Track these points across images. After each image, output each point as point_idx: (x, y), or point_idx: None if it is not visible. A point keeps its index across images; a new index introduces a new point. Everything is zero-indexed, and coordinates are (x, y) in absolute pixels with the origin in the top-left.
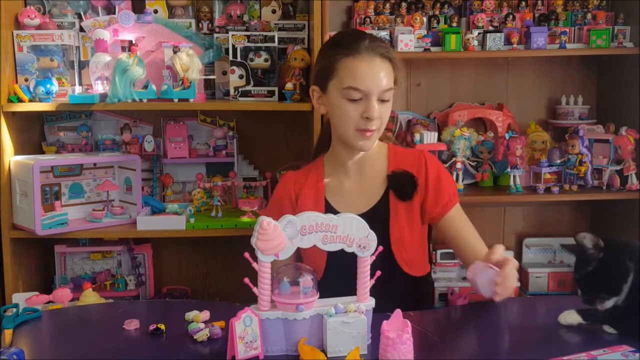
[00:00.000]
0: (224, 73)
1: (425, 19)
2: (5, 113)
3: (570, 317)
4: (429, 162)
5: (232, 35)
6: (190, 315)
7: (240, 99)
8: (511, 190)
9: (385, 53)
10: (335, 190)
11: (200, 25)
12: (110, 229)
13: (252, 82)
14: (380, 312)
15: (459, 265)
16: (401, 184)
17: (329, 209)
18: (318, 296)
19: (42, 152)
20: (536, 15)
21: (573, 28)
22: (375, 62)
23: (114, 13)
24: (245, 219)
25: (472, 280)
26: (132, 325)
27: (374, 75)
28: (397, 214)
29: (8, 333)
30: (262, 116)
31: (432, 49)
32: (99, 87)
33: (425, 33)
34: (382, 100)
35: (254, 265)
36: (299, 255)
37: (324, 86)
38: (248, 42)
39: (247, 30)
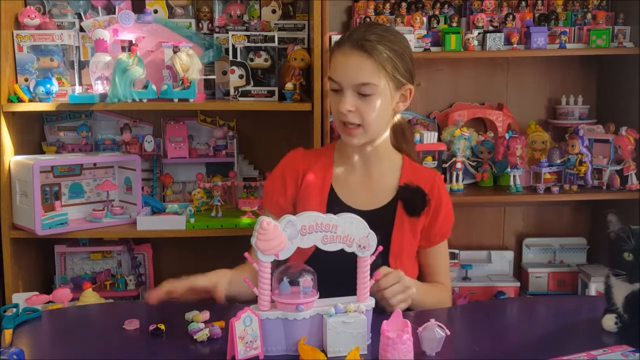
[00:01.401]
0: (224, 73)
1: (425, 19)
2: (5, 113)
3: (609, 322)
4: (443, 187)
5: (232, 35)
6: (190, 315)
7: (240, 99)
8: (511, 190)
9: (366, 46)
10: (342, 180)
11: (200, 25)
12: (110, 229)
13: (252, 82)
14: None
15: (458, 265)
16: (413, 199)
17: (333, 195)
18: (318, 296)
19: (42, 152)
20: (536, 15)
21: (573, 28)
22: (352, 54)
23: (114, 13)
24: (245, 219)
25: (420, 335)
26: (132, 325)
27: (348, 67)
28: (401, 227)
29: (8, 333)
30: (262, 116)
31: (432, 49)
32: (99, 87)
33: (425, 33)
34: (361, 95)
35: (254, 265)
36: None
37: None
38: (248, 42)
39: (247, 30)
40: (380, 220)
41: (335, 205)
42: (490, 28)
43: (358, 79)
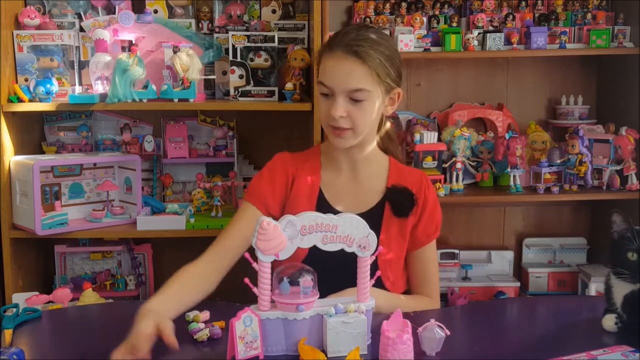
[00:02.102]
0: (224, 73)
1: (425, 19)
2: (5, 113)
3: (609, 322)
4: (430, 187)
5: (232, 35)
6: (191, 315)
7: (240, 99)
8: (511, 190)
9: (358, 52)
10: (329, 183)
11: (200, 25)
12: (110, 229)
13: (252, 82)
14: None
15: (458, 265)
16: (400, 200)
17: (322, 199)
18: (318, 296)
19: (42, 152)
20: (536, 15)
21: (573, 28)
22: (344, 59)
23: (114, 13)
24: None
25: (420, 335)
26: None
27: (339, 73)
28: (388, 229)
29: (8, 333)
30: (262, 116)
31: (432, 49)
32: (99, 87)
33: (425, 33)
34: (353, 100)
35: (254, 265)
36: None
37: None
38: (248, 42)
39: (247, 30)
40: (367, 223)
41: (323, 209)
42: (490, 28)
43: (351, 85)
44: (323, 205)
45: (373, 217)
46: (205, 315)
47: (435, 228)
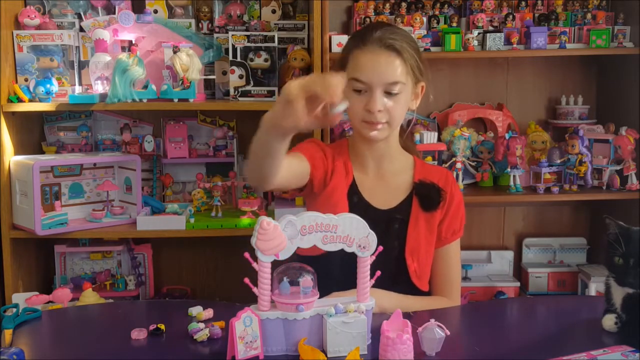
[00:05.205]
0: (224, 73)
1: (425, 19)
2: (5, 113)
3: (609, 322)
4: (455, 184)
5: (232, 35)
6: (194, 310)
7: (240, 99)
8: (511, 190)
9: (394, 45)
10: (358, 179)
11: (200, 25)
12: (110, 229)
13: (252, 82)
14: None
15: None
16: (429, 194)
17: (358, 195)
18: (318, 296)
19: (42, 152)
20: (536, 15)
21: (573, 28)
22: (380, 53)
23: (114, 13)
24: (245, 219)
25: (420, 335)
26: (141, 334)
27: (377, 67)
28: (417, 223)
29: (8, 333)
30: (262, 116)
31: (432, 49)
32: (99, 87)
33: (425, 33)
34: (389, 94)
35: (254, 265)
36: None
37: None
38: (248, 42)
39: (247, 30)
40: (397, 218)
41: (360, 203)
42: (490, 28)
43: (389, 78)
44: (360, 201)
45: (402, 212)
46: (209, 312)
47: (459, 226)
